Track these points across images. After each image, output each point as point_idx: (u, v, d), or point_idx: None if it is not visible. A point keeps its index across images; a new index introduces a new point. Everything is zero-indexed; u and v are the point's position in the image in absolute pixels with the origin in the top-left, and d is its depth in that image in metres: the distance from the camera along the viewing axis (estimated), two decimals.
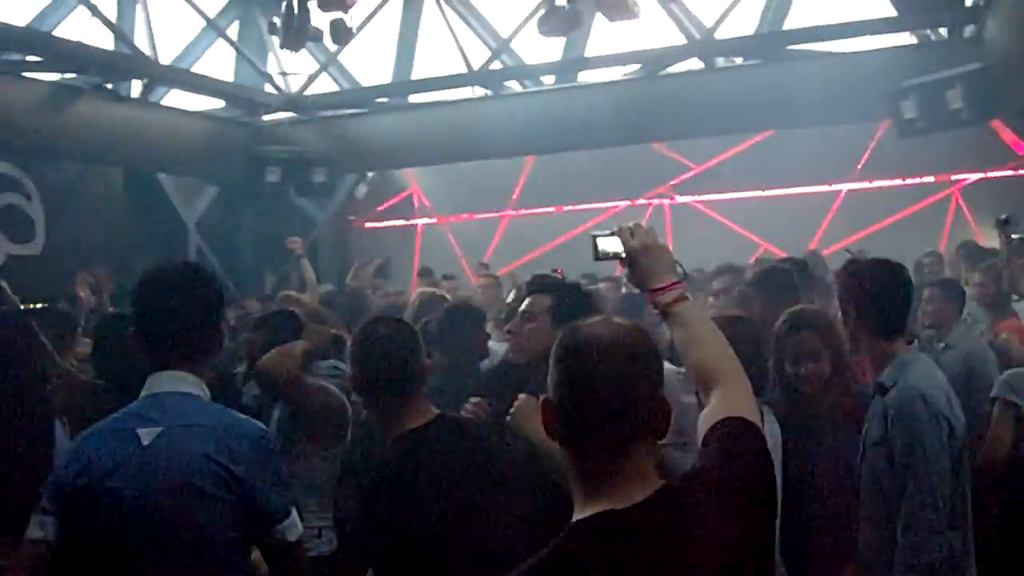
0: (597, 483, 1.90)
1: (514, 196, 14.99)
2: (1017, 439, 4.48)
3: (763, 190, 13.42)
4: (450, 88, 13.53)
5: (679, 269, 2.44)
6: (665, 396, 1.97)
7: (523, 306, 3.81)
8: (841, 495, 3.67)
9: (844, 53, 11.65)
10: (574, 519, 1.89)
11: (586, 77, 13.14)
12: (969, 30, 10.45)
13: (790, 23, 12.15)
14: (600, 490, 1.89)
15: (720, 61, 12.29)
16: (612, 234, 2.53)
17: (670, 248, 2.49)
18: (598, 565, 1.80)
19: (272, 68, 14.28)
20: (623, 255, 2.48)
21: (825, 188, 13.23)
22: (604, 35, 13.14)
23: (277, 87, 14.09)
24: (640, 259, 2.43)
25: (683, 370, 2.55)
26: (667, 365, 2.74)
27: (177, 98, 13.64)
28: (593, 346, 1.93)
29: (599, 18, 10.49)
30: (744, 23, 12.66)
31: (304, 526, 4.37)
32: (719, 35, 12.03)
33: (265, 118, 14.03)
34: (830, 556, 3.67)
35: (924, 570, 3.29)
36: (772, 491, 2.09)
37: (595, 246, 2.57)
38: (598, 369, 1.90)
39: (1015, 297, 6.87)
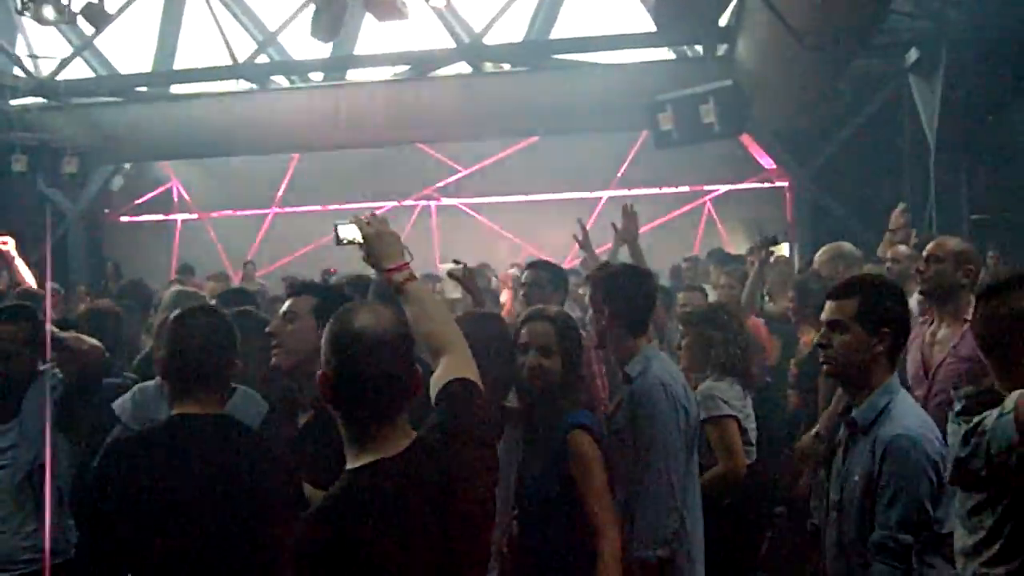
0: (369, 440, 2.27)
1: (279, 193, 14.72)
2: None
3: (528, 195, 13.73)
4: (214, 80, 13.06)
5: (407, 253, 2.79)
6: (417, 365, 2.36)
7: (284, 307, 3.72)
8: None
9: (607, 65, 12.02)
10: (351, 466, 2.26)
11: (355, 75, 13.04)
12: (722, 49, 10.97)
13: (557, 32, 12.43)
14: (372, 445, 2.26)
15: (488, 66, 12.43)
16: (351, 222, 2.86)
17: (435, 249, 2.69)
18: (381, 499, 2.19)
19: (21, 50, 13.44)
20: (360, 241, 2.80)
21: (587, 194, 13.62)
22: (374, 34, 13.06)
23: (26, 70, 13.26)
24: (375, 243, 2.77)
25: None
26: None
27: None
28: (365, 331, 2.28)
29: (370, 17, 10.38)
30: (513, 30, 12.84)
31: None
32: (488, 40, 12.14)
33: (12, 102, 13.17)
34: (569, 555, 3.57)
35: (658, 542, 3.53)
36: (492, 439, 2.56)
37: (336, 233, 2.92)
38: (373, 351, 2.26)
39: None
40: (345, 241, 2.92)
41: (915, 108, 10.62)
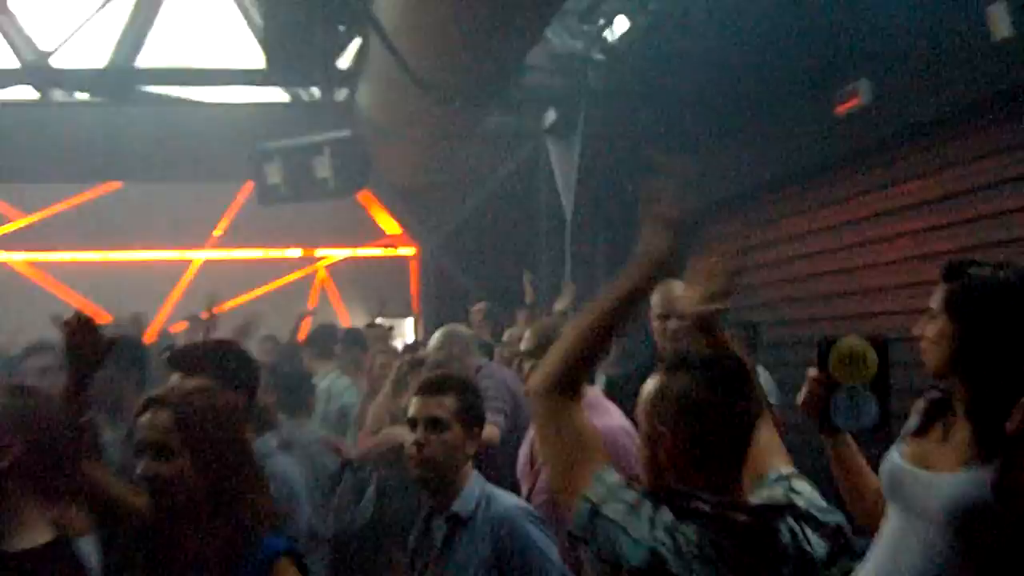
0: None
1: None
2: None
3: (104, 250, 12.49)
4: None
5: None
6: None
7: None
8: None
9: (207, 103, 11.10)
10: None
11: None
12: (342, 94, 10.15)
13: (145, 61, 10.98)
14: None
15: (59, 94, 10.92)
16: None
17: None
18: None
19: None
20: None
21: (176, 254, 12.68)
22: None
23: None
24: None
25: None
26: None
27: None
28: None
29: None
30: (93, 56, 11.35)
31: None
32: (56, 63, 10.56)
33: None
34: None
35: None
36: None
37: None
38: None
39: None
40: None
41: (552, 171, 10.43)
